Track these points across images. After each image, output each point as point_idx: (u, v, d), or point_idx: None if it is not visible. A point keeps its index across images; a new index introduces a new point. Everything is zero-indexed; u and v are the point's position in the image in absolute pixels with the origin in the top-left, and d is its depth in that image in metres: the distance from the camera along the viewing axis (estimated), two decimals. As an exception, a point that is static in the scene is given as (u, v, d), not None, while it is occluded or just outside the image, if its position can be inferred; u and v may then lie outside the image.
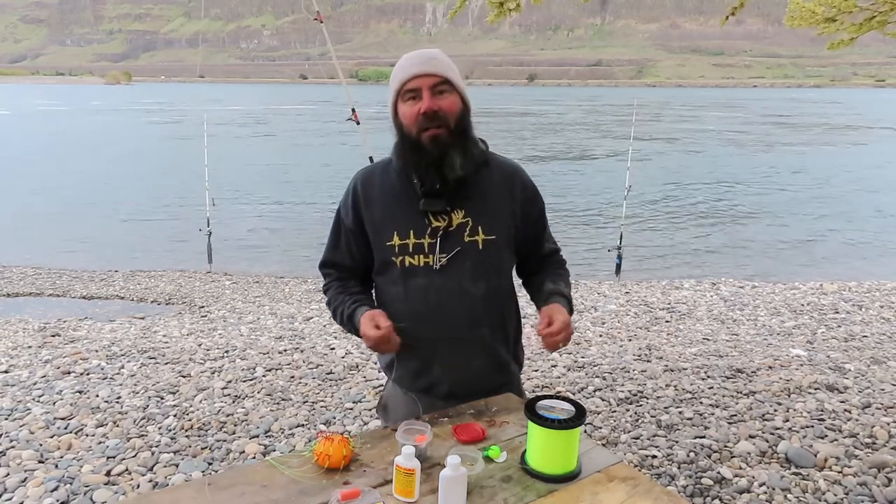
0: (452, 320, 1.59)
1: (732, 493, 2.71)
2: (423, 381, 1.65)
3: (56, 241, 10.66)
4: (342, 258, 1.71)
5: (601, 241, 9.99)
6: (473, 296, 1.59)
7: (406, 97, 1.55)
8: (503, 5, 4.43)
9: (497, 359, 1.69)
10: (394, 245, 1.59)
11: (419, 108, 1.52)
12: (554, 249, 1.79)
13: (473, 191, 1.59)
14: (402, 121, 1.56)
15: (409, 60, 1.57)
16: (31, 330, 5.92)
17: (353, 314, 1.62)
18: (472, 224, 1.58)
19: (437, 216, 1.58)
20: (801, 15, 4.40)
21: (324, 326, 5.75)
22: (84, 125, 36.57)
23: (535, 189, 1.71)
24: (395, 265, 1.60)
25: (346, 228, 1.68)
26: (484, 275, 1.59)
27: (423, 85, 1.52)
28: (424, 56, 1.56)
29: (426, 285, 1.58)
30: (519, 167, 1.71)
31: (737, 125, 39.52)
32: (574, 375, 4.17)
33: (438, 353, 1.63)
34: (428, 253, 1.57)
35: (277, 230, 11.62)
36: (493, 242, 1.60)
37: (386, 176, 1.65)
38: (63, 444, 3.18)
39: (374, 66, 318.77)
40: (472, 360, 1.64)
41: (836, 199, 14.88)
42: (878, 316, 5.96)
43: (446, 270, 1.57)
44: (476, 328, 1.62)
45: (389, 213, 1.61)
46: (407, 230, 1.58)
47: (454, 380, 1.64)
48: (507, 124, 39.06)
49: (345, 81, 5.13)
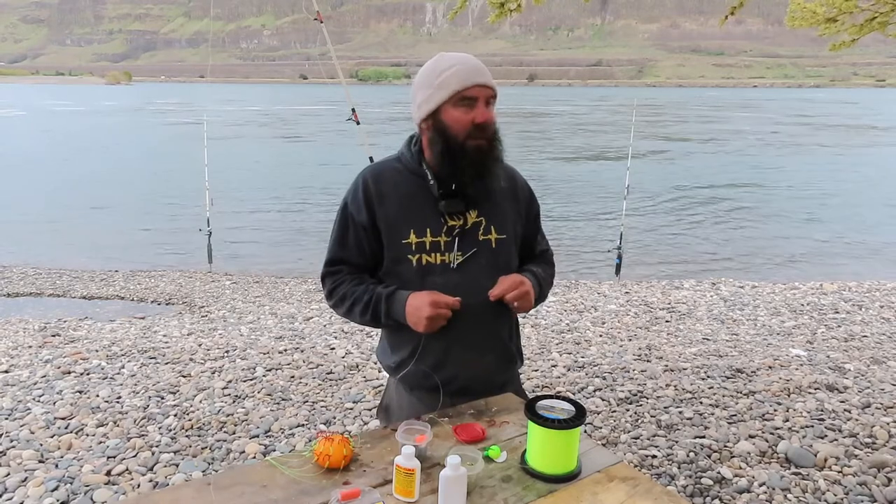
0: (469, 317, 1.61)
1: (732, 493, 2.71)
2: (438, 378, 1.65)
3: (56, 241, 10.67)
4: (351, 255, 1.67)
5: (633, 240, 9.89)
6: (489, 294, 1.61)
7: (461, 104, 1.55)
8: (504, 6, 4.43)
9: (507, 354, 1.74)
10: (410, 243, 1.60)
11: (473, 118, 1.54)
12: (543, 249, 1.85)
13: (484, 192, 1.64)
14: (450, 124, 1.55)
15: (466, 66, 1.55)
16: (31, 330, 5.92)
17: (394, 295, 1.59)
18: (486, 223, 1.64)
19: (453, 216, 1.61)
20: (803, 15, 4.40)
21: (324, 326, 5.75)
22: (101, 126, 36.38)
23: (532, 191, 1.79)
24: (411, 263, 1.60)
25: (356, 225, 1.64)
26: (497, 272, 1.62)
27: (482, 95, 1.55)
28: (480, 67, 1.58)
29: (443, 283, 1.60)
30: (515, 170, 1.78)
31: (769, 125, 39.15)
32: (574, 375, 4.17)
33: (454, 349, 1.64)
34: (444, 251, 1.61)
35: (278, 230, 11.62)
36: (504, 241, 1.66)
37: (397, 174, 1.65)
38: (63, 444, 3.18)
39: (374, 66, 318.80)
40: (485, 356, 1.68)
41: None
42: (878, 316, 5.96)
43: (463, 268, 1.61)
44: (491, 324, 1.66)
45: (404, 210, 1.62)
46: (424, 228, 1.60)
47: (467, 375, 1.66)
48: (534, 125, 39.04)
49: (345, 81, 5.13)
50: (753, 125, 39.45)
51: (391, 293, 1.60)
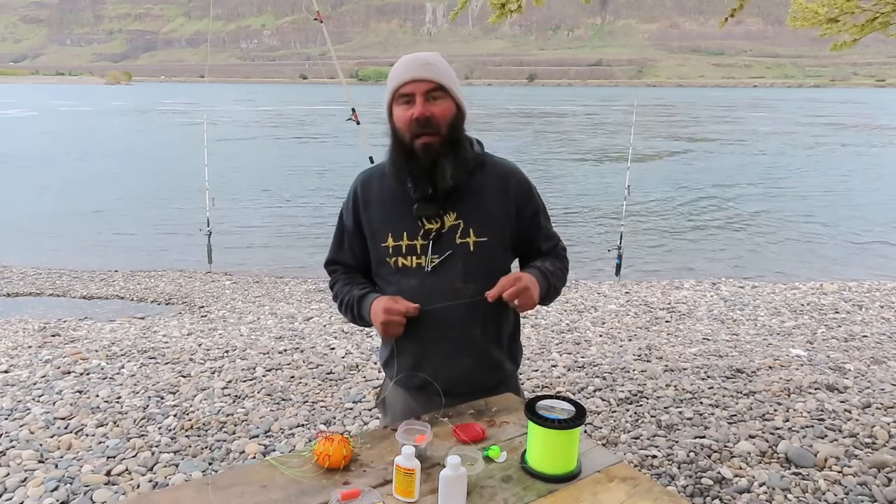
0: (443, 320, 1.60)
1: (732, 493, 2.71)
2: (417, 379, 1.66)
3: (56, 241, 10.66)
4: (346, 258, 1.77)
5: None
6: (464, 296, 1.60)
7: (400, 101, 1.57)
8: (505, 6, 4.43)
9: (488, 358, 1.69)
10: (388, 246, 1.64)
11: (412, 114, 1.54)
12: (551, 247, 1.77)
13: (467, 193, 1.62)
14: (396, 124, 1.58)
15: (405, 64, 1.57)
16: (31, 330, 5.92)
17: (364, 298, 1.65)
18: (464, 226, 1.61)
19: (430, 219, 1.60)
20: (805, 15, 4.41)
21: (324, 326, 5.75)
22: (111, 126, 36.13)
23: (531, 189, 1.71)
24: (390, 265, 1.64)
25: (347, 230, 1.74)
26: (475, 276, 1.60)
27: (417, 90, 1.54)
28: (420, 60, 1.57)
29: (418, 286, 1.61)
30: (516, 168, 1.72)
31: (786, 126, 38.89)
32: (574, 375, 4.17)
33: (430, 352, 1.64)
34: (420, 254, 1.61)
35: (278, 230, 11.62)
36: (485, 244, 1.61)
37: (383, 179, 1.67)
38: (63, 444, 3.18)
39: (374, 66, 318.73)
40: (462, 359, 1.65)
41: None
42: (878, 316, 5.96)
43: (438, 272, 1.60)
44: (467, 328, 1.63)
45: (385, 215, 1.65)
46: (401, 232, 1.62)
47: (446, 378, 1.64)
48: (551, 125, 38.92)
49: (345, 81, 5.14)
50: (771, 125, 39.24)
51: (363, 296, 1.66)
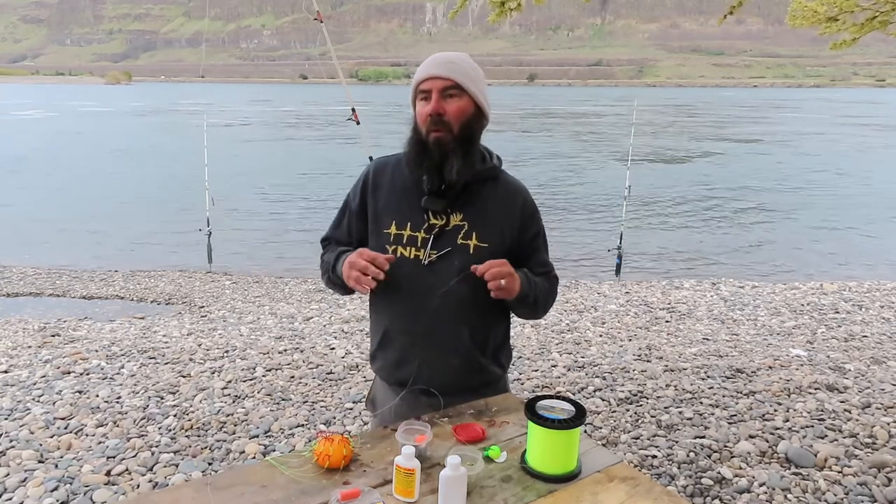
0: (432, 316, 1.61)
1: (732, 493, 2.70)
2: (402, 373, 1.66)
3: (56, 241, 10.66)
4: (340, 236, 1.79)
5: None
6: (456, 295, 1.59)
7: (420, 96, 1.62)
8: (504, 5, 4.43)
9: (474, 360, 1.68)
10: (390, 233, 1.65)
11: (428, 110, 1.58)
12: (544, 272, 1.72)
13: (476, 199, 1.64)
14: (417, 119, 1.64)
15: (429, 62, 1.63)
16: (31, 330, 5.92)
17: (339, 257, 1.67)
18: (468, 228, 1.62)
19: (436, 215, 1.62)
20: (804, 14, 4.40)
21: (324, 326, 5.75)
22: (132, 127, 35.85)
23: (536, 212, 1.72)
24: (388, 253, 1.63)
25: (350, 211, 1.76)
26: (468, 278, 1.59)
27: (434, 87, 1.58)
28: (442, 59, 1.61)
29: (412, 277, 1.62)
30: (524, 188, 1.72)
31: (822, 126, 38.65)
32: (574, 375, 4.17)
33: (417, 346, 1.64)
34: (420, 247, 1.62)
35: (278, 230, 11.62)
36: (485, 250, 1.61)
37: (398, 168, 1.70)
38: (63, 444, 3.18)
39: (374, 66, 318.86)
40: (449, 358, 1.65)
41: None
42: (878, 316, 5.96)
43: (434, 267, 1.61)
44: (455, 326, 1.63)
45: (392, 202, 1.67)
46: (405, 222, 1.64)
47: (431, 375, 1.64)
48: (580, 126, 38.69)
49: (345, 81, 5.14)
50: (808, 125, 39.11)
51: (345, 251, 1.68)
